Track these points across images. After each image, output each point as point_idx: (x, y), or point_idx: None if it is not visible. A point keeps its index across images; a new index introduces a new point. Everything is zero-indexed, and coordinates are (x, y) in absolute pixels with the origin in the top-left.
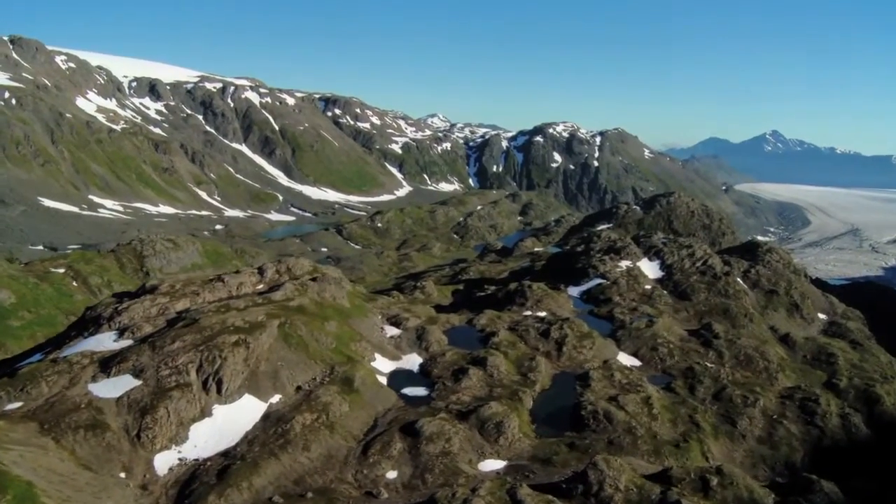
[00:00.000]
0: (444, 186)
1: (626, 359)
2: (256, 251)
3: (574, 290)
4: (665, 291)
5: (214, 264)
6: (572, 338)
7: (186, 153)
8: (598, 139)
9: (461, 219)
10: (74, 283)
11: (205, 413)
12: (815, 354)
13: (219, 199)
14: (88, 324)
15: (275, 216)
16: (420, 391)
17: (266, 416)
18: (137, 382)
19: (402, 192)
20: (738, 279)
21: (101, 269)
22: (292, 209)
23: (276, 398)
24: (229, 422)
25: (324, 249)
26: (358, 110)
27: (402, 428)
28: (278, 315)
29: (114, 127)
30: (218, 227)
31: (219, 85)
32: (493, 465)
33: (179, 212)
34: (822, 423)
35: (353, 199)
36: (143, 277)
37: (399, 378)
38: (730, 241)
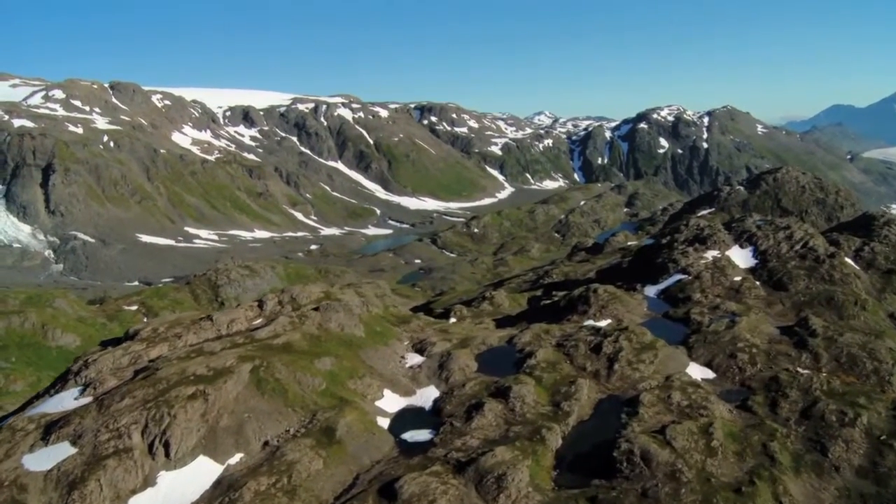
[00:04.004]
0: (549, 184)
1: (696, 371)
2: (342, 269)
3: (651, 290)
4: (757, 283)
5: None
6: (628, 351)
7: (281, 176)
8: (705, 119)
9: (562, 216)
10: (145, 321)
11: (148, 482)
12: None
13: (315, 218)
14: (60, 379)
15: (371, 230)
16: (423, 435)
17: (217, 483)
18: (73, 451)
19: (503, 195)
20: (848, 260)
21: (174, 303)
22: (389, 222)
23: (235, 458)
24: (175, 492)
25: (417, 261)
26: (454, 115)
27: (381, 489)
28: (253, 357)
29: (207, 157)
30: (313, 247)
31: (311, 105)
32: None
33: (275, 235)
34: None
35: (453, 205)
36: (218, 308)
37: (405, 419)
38: (850, 215)
